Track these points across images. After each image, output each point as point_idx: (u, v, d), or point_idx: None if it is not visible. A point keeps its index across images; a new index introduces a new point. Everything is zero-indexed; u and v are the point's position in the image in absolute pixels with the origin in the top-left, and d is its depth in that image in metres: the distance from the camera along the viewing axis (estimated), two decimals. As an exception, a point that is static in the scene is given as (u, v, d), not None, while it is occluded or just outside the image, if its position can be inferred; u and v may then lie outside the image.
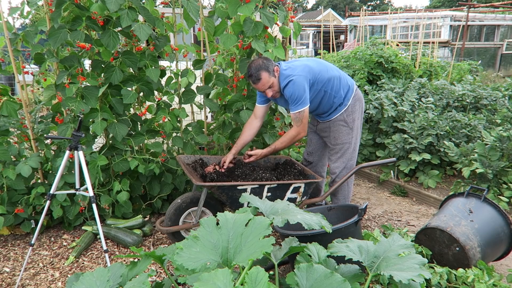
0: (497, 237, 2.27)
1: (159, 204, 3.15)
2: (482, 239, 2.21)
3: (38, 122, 2.97)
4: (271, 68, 2.48)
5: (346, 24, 17.66)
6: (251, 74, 2.48)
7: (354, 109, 2.73)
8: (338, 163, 2.80)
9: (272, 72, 2.49)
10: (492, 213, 2.31)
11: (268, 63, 2.48)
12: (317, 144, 2.98)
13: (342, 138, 2.75)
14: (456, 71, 7.07)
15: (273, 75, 2.50)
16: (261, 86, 2.50)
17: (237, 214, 1.50)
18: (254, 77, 2.47)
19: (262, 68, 2.46)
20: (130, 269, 1.59)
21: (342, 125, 2.72)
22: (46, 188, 2.79)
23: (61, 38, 2.46)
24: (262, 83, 2.49)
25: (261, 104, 2.77)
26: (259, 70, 2.45)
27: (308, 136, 3.02)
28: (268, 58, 2.53)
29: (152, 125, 3.10)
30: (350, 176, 2.68)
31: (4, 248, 2.75)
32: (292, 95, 2.49)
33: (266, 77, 2.47)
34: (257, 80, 2.47)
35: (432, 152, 3.90)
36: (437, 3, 35.54)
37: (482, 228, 2.24)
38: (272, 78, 2.49)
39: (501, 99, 4.77)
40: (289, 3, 3.11)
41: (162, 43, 2.85)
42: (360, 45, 6.87)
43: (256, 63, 2.49)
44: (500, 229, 2.28)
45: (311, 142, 3.01)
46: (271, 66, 2.49)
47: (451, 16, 14.20)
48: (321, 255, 1.63)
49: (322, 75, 2.58)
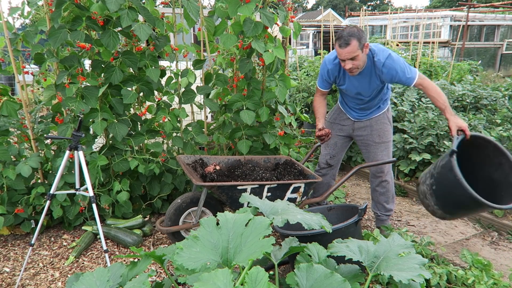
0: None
1: (159, 204, 3.15)
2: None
3: (38, 122, 2.97)
4: (363, 41, 2.31)
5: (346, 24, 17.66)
6: (341, 36, 2.30)
7: (390, 107, 2.79)
8: (386, 157, 2.79)
9: (362, 45, 2.32)
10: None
11: (362, 35, 2.32)
12: (341, 148, 2.92)
13: (387, 136, 2.76)
14: (456, 71, 7.07)
15: (362, 49, 2.33)
16: (346, 53, 2.32)
17: (237, 214, 1.50)
18: (343, 40, 2.29)
19: (355, 36, 2.28)
20: (130, 269, 1.59)
21: (385, 123, 2.73)
22: (46, 188, 2.79)
23: (61, 38, 2.46)
24: (348, 51, 2.30)
25: (323, 89, 2.73)
26: (351, 36, 2.28)
27: (333, 140, 2.90)
28: (363, 30, 2.36)
29: (152, 125, 3.10)
30: (350, 177, 2.68)
31: (4, 248, 2.75)
32: (401, 66, 2.39)
33: (355, 46, 2.29)
34: (345, 45, 2.29)
35: (432, 152, 3.90)
36: (437, 3, 35.55)
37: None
38: (359, 51, 2.32)
39: (501, 99, 4.77)
40: (289, 3, 3.11)
41: (162, 43, 2.85)
42: (360, 45, 6.86)
43: (351, 29, 2.32)
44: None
45: (335, 145, 2.91)
46: (364, 40, 2.32)
47: (451, 16, 14.19)
48: (321, 255, 1.63)
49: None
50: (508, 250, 2.79)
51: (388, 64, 2.40)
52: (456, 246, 2.84)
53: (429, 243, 2.47)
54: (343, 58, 2.37)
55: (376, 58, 2.43)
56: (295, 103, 4.75)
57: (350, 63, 2.36)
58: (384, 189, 2.83)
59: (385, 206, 2.87)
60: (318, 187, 2.96)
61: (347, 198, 3.81)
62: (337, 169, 3.02)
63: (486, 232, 3.06)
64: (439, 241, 2.91)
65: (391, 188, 2.87)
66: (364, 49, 2.36)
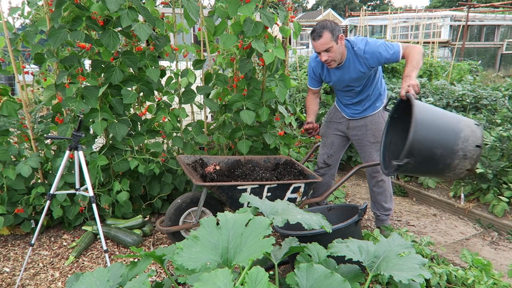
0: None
1: (159, 204, 3.15)
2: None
3: (38, 122, 2.97)
4: (336, 33, 2.39)
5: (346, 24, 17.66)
6: (315, 29, 2.40)
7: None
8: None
9: (336, 37, 2.39)
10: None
11: (335, 27, 2.40)
12: (339, 147, 2.93)
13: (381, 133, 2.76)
14: (456, 71, 7.07)
15: (335, 40, 2.40)
16: (319, 45, 2.40)
17: (237, 214, 1.50)
18: (316, 33, 2.39)
19: (327, 28, 2.37)
20: (130, 269, 1.59)
21: (381, 122, 2.73)
22: (46, 188, 2.79)
23: (61, 38, 2.46)
24: (321, 42, 2.38)
25: (316, 87, 2.80)
26: (324, 28, 2.37)
27: (330, 139, 2.92)
28: (338, 24, 2.43)
29: (152, 125, 3.10)
30: (350, 176, 2.68)
31: (4, 248, 2.75)
32: (381, 45, 2.43)
33: (328, 38, 2.37)
34: (318, 37, 2.38)
35: (432, 152, 3.89)
36: (437, 3, 35.54)
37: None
38: (333, 43, 2.39)
39: (501, 99, 4.77)
40: (289, 3, 3.11)
41: (162, 43, 2.85)
42: (360, 45, 6.86)
43: (323, 22, 2.42)
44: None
45: (332, 145, 2.93)
46: (337, 32, 2.40)
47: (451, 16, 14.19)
48: (321, 255, 1.63)
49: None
50: (508, 250, 2.79)
51: (369, 49, 2.46)
52: (456, 246, 2.84)
53: (429, 243, 2.47)
54: (318, 51, 2.45)
55: (356, 47, 2.49)
56: (295, 103, 4.76)
57: (326, 55, 2.43)
58: (381, 188, 2.83)
59: (383, 206, 2.87)
60: (318, 187, 2.96)
61: (347, 198, 3.81)
62: (335, 169, 3.02)
63: (486, 232, 3.06)
64: (439, 241, 2.91)
65: (388, 188, 2.86)
66: (338, 41, 2.42)
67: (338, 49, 2.44)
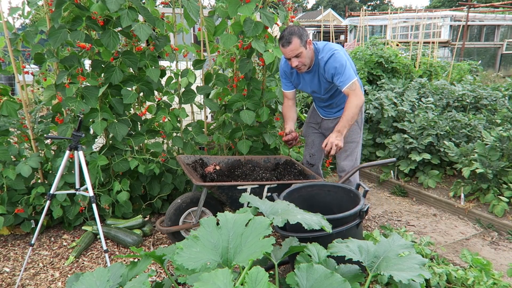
0: None
1: (159, 204, 3.15)
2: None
3: (38, 122, 2.97)
4: (304, 38, 2.40)
5: (346, 24, 17.65)
6: (283, 36, 2.40)
7: (362, 108, 2.74)
8: (347, 161, 2.79)
9: (304, 42, 2.40)
10: None
11: (303, 33, 2.40)
12: (319, 145, 2.95)
13: (352, 137, 2.75)
14: (456, 71, 7.07)
15: (304, 45, 2.41)
16: (289, 51, 2.40)
17: (237, 214, 1.50)
18: (284, 40, 2.38)
19: (295, 34, 2.37)
20: (130, 269, 1.59)
21: (353, 124, 2.70)
22: (46, 188, 2.79)
23: (61, 38, 2.46)
24: (290, 49, 2.39)
25: (288, 90, 2.77)
26: (292, 34, 2.37)
27: (310, 138, 2.99)
28: (305, 29, 2.44)
29: (152, 125, 3.10)
30: (350, 176, 2.68)
31: (4, 248, 2.75)
32: (339, 67, 2.42)
33: (297, 44, 2.38)
34: (287, 43, 2.38)
35: (432, 152, 3.90)
36: (437, 3, 35.53)
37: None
38: (302, 48, 2.40)
39: (501, 99, 4.77)
40: (289, 3, 3.11)
41: (162, 43, 2.85)
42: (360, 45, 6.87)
43: (291, 28, 2.42)
44: None
45: (313, 144, 2.97)
46: (305, 37, 2.41)
47: (451, 16, 14.19)
48: (321, 255, 1.63)
49: (352, 66, 2.58)
50: (508, 250, 2.79)
51: (329, 63, 2.46)
52: (456, 246, 2.84)
53: (429, 243, 2.47)
54: (288, 57, 2.46)
55: (320, 56, 2.49)
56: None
57: (296, 61, 2.45)
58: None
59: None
60: None
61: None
62: (318, 167, 3.04)
63: (486, 232, 3.06)
64: (439, 241, 2.91)
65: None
66: (307, 45, 2.43)
67: (307, 54, 2.46)
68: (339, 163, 2.84)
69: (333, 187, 2.45)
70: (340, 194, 2.42)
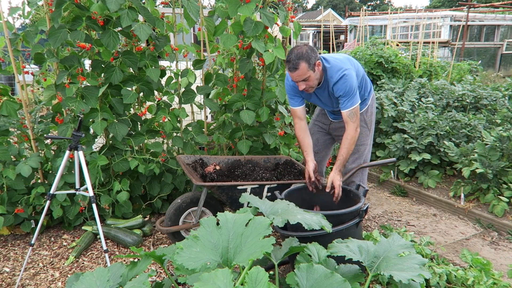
0: None
1: (159, 204, 3.15)
2: None
3: (38, 122, 2.97)
4: (312, 61, 2.27)
5: (346, 24, 17.66)
6: (290, 60, 2.27)
7: (372, 109, 2.72)
8: (355, 164, 2.74)
9: (313, 65, 2.28)
10: None
11: (311, 55, 2.27)
12: (324, 144, 2.93)
13: (361, 139, 2.69)
14: (456, 71, 7.07)
15: (313, 68, 2.29)
16: (296, 76, 2.30)
17: (237, 214, 1.50)
18: (291, 64, 2.26)
19: (303, 58, 2.24)
20: (130, 269, 1.59)
21: (362, 126, 2.67)
22: (46, 188, 2.79)
23: (61, 38, 2.46)
24: (298, 74, 2.28)
25: (298, 106, 2.61)
26: (300, 58, 2.24)
27: (315, 136, 2.91)
28: (313, 49, 2.31)
29: (152, 125, 3.10)
30: (350, 176, 2.68)
31: (4, 248, 2.75)
32: (348, 91, 2.35)
33: (305, 69, 2.26)
34: (294, 69, 2.27)
35: (432, 152, 3.90)
36: (437, 3, 35.53)
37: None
38: (310, 72, 2.29)
39: (501, 99, 4.77)
40: (289, 3, 3.11)
41: (162, 43, 2.85)
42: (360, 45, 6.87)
43: (299, 50, 2.27)
44: None
45: (317, 141, 2.92)
46: (313, 59, 2.28)
47: (451, 16, 14.19)
48: (321, 255, 1.63)
49: (359, 70, 2.54)
50: (508, 250, 2.79)
51: (339, 84, 2.38)
52: (456, 246, 2.84)
53: (429, 243, 2.47)
54: (295, 81, 2.36)
55: (329, 76, 2.41)
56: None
57: (304, 84, 2.35)
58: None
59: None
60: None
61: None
62: (323, 166, 3.02)
63: (486, 232, 3.06)
64: (439, 241, 2.91)
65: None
66: (316, 68, 2.32)
67: (315, 76, 2.35)
68: (347, 166, 2.77)
69: (332, 188, 2.45)
70: (340, 195, 2.42)
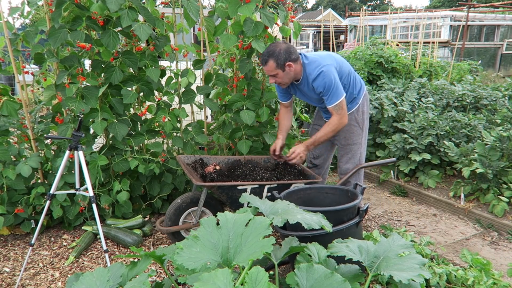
0: None
1: (159, 204, 3.15)
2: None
3: (38, 122, 2.96)
4: (281, 61, 2.39)
5: (346, 24, 17.66)
6: (263, 53, 2.46)
7: (363, 108, 2.73)
8: (349, 164, 2.78)
9: (281, 65, 2.40)
10: None
11: (282, 55, 2.38)
12: (323, 147, 2.93)
13: (353, 139, 2.73)
14: (456, 71, 7.07)
15: (281, 68, 2.41)
16: (265, 70, 2.49)
17: (237, 214, 1.50)
18: (262, 58, 2.45)
19: (273, 56, 2.39)
20: (130, 269, 1.59)
21: (353, 125, 2.70)
22: (46, 188, 2.79)
23: (61, 38, 2.46)
24: (266, 69, 2.47)
25: (285, 100, 2.79)
26: (270, 56, 2.41)
27: None
28: (290, 51, 2.41)
29: (152, 125, 3.10)
30: (350, 176, 2.68)
31: (4, 248, 2.75)
32: (328, 86, 2.42)
33: (272, 66, 2.42)
34: (264, 63, 2.45)
35: (432, 152, 3.90)
36: (437, 3, 35.53)
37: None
38: (278, 70, 2.43)
39: (501, 99, 4.77)
40: (289, 3, 3.11)
41: (162, 43, 2.85)
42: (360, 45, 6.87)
43: (273, 48, 2.42)
44: None
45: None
46: (283, 60, 2.39)
47: (451, 16, 14.19)
48: (321, 255, 1.63)
49: (344, 67, 2.57)
50: (508, 250, 2.79)
51: (317, 81, 2.46)
52: (456, 246, 2.84)
53: (429, 243, 2.47)
54: (266, 74, 2.54)
55: (308, 73, 2.49)
56: (295, 103, 4.75)
57: (273, 79, 2.51)
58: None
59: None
60: None
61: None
62: (323, 169, 3.04)
63: (486, 232, 3.06)
64: (439, 241, 2.91)
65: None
66: (286, 68, 2.42)
67: (285, 75, 2.46)
68: (341, 166, 2.83)
69: (331, 189, 2.46)
70: (339, 196, 2.42)
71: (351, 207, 2.11)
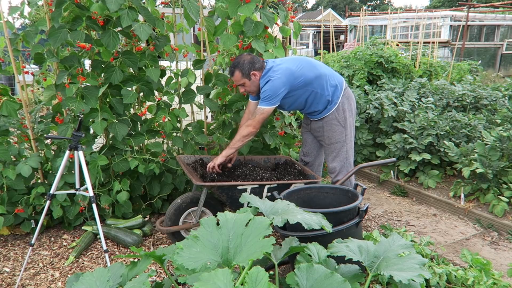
0: None
1: (159, 204, 3.15)
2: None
3: (38, 122, 2.96)
4: (246, 71, 2.56)
5: (346, 24, 17.65)
6: (230, 66, 2.64)
7: (344, 107, 2.75)
8: (335, 163, 2.81)
9: (247, 75, 2.57)
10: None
11: (247, 66, 2.55)
12: (312, 144, 2.99)
13: (336, 137, 2.76)
14: (456, 71, 7.06)
15: (247, 77, 2.58)
16: (234, 80, 2.65)
17: (237, 214, 1.50)
18: (229, 71, 2.64)
19: (238, 67, 2.57)
20: (130, 269, 1.59)
21: (335, 124, 2.73)
22: (46, 188, 2.79)
23: (61, 38, 2.46)
24: (234, 79, 2.64)
25: (254, 100, 2.82)
26: (236, 67, 2.58)
27: (303, 136, 3.02)
28: (253, 61, 2.57)
29: (152, 125, 3.10)
30: (349, 177, 2.68)
31: (4, 248, 2.75)
32: (264, 92, 2.55)
33: (238, 76, 2.59)
34: (231, 74, 2.63)
35: (432, 152, 3.90)
36: (437, 3, 35.52)
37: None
38: (244, 79, 2.59)
39: (501, 99, 4.77)
40: (289, 3, 3.11)
41: (162, 43, 2.85)
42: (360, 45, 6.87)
43: (238, 60, 2.59)
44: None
45: (306, 142, 3.01)
46: (248, 69, 2.55)
47: (451, 16, 14.19)
48: (321, 255, 1.63)
49: (306, 76, 2.60)
50: (508, 250, 2.79)
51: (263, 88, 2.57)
52: (456, 246, 2.84)
53: (429, 243, 2.47)
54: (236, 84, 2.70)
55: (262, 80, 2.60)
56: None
57: (241, 88, 2.69)
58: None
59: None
60: None
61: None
62: (315, 167, 3.06)
63: (486, 232, 3.06)
64: (439, 241, 2.91)
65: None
66: (251, 77, 2.59)
67: (252, 84, 2.61)
68: (328, 165, 2.88)
69: (331, 189, 2.46)
70: (339, 196, 2.42)
71: (351, 209, 2.11)
